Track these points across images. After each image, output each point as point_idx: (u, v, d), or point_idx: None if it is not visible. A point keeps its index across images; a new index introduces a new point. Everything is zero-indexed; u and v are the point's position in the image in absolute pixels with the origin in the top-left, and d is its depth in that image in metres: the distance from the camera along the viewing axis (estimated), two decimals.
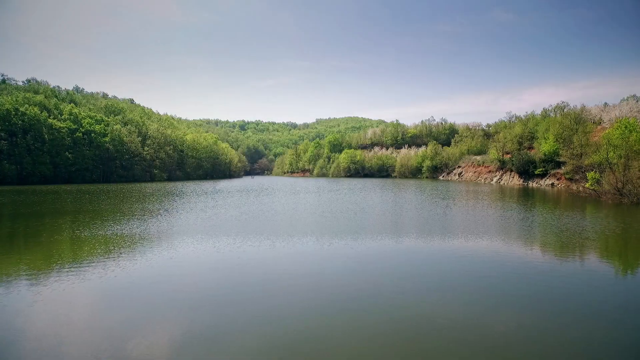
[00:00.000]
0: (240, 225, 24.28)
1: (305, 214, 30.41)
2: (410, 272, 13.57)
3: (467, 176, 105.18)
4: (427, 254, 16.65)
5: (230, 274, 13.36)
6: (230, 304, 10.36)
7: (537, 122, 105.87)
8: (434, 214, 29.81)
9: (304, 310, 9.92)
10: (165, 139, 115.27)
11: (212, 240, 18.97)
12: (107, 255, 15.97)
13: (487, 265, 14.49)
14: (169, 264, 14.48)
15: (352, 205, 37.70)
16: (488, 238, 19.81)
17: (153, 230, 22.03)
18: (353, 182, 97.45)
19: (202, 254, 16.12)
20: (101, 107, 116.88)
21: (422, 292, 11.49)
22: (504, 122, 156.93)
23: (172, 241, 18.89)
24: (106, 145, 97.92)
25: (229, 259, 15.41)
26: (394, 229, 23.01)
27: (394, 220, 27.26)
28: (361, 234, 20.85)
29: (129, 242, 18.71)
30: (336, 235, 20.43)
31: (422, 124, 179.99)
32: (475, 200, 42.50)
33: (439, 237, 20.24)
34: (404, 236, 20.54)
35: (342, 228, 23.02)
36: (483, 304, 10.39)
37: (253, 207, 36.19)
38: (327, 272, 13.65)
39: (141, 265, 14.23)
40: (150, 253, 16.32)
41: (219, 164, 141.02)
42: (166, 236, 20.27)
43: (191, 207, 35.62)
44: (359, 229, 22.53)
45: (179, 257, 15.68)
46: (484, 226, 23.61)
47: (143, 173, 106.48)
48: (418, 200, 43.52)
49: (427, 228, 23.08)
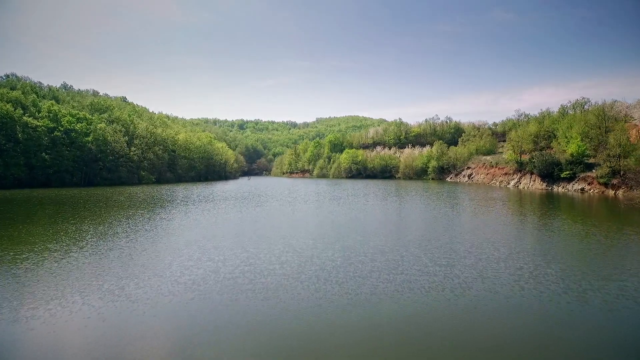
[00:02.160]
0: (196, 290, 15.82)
1: (300, 254, 21.84)
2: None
3: (479, 178, 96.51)
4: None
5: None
6: None
7: (553, 120, 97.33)
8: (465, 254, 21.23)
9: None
10: (154, 139, 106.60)
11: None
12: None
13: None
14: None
15: (355, 226, 29.18)
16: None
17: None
18: (355, 185, 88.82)
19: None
20: (86, 104, 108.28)
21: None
22: (512, 120, 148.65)
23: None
24: (88, 146, 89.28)
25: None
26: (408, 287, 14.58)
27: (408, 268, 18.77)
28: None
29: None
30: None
31: (426, 122, 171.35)
32: (507, 216, 33.79)
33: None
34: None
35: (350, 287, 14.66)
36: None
37: (231, 231, 27.54)
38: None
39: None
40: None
41: (214, 164, 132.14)
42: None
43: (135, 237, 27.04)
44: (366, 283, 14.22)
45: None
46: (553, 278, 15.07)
47: (130, 175, 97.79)
48: (432, 215, 34.78)
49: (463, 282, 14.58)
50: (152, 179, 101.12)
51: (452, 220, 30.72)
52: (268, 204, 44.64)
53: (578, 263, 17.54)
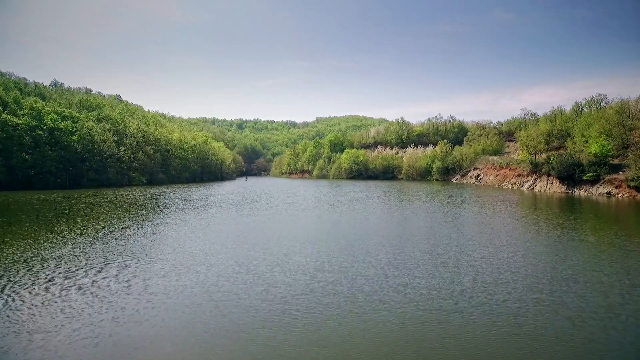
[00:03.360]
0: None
1: (297, 287, 15.94)
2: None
3: (487, 180, 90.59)
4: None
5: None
6: None
7: (566, 118, 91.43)
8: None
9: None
10: (145, 138, 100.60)
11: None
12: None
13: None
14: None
15: (359, 244, 23.26)
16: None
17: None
18: (357, 188, 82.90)
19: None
20: (75, 102, 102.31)
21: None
22: (518, 119, 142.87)
23: None
24: (74, 145, 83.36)
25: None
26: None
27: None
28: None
29: None
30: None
31: (429, 121, 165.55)
32: (550, 230, 27.80)
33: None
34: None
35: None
36: None
37: (201, 259, 21.59)
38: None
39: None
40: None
41: (209, 165, 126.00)
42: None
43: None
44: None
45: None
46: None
47: (119, 176, 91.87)
48: (446, 227, 28.84)
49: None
50: (142, 180, 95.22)
51: (491, 247, 24.83)
52: (261, 212, 38.75)
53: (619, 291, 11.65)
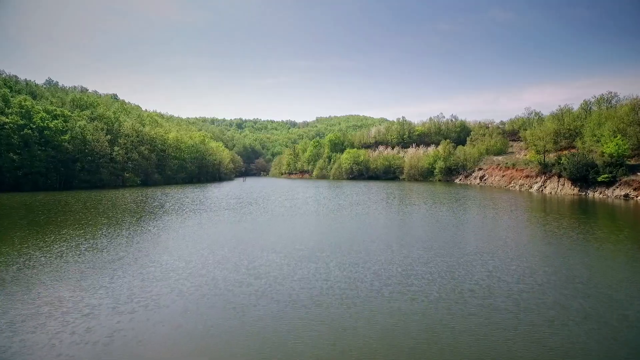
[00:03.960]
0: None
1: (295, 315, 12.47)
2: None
3: (493, 181, 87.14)
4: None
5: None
6: None
7: (574, 117, 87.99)
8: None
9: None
10: (140, 138, 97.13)
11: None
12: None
13: None
14: None
15: (372, 270, 19.89)
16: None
17: None
18: (358, 189, 79.48)
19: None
20: (68, 101, 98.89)
21: None
22: (522, 118, 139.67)
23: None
24: (65, 145, 79.98)
25: None
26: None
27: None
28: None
29: None
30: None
31: (431, 121, 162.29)
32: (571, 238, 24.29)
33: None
34: None
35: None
36: None
37: (170, 285, 18.14)
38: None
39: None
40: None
41: (207, 165, 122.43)
42: None
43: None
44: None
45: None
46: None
47: (112, 177, 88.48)
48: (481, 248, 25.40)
49: None
50: (137, 181, 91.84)
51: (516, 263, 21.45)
52: (255, 219, 35.37)
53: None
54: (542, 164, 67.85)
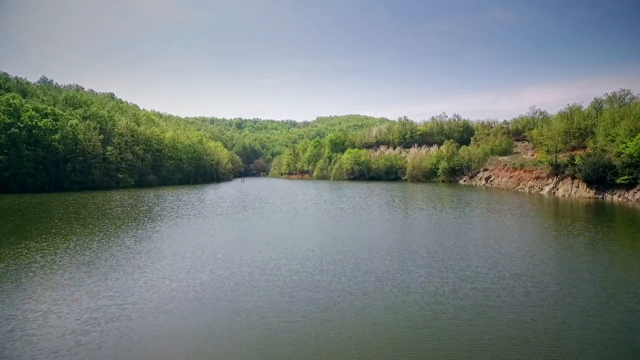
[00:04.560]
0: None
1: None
2: None
3: (500, 182, 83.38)
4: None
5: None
6: None
7: (584, 116, 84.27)
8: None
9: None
10: (135, 138, 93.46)
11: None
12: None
13: None
14: None
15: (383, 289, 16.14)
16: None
17: None
18: (360, 190, 75.77)
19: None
20: (61, 99, 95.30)
21: None
22: (527, 118, 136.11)
23: None
24: (55, 145, 76.35)
25: None
26: None
27: None
28: None
29: None
30: None
31: (433, 120, 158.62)
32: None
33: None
34: None
35: None
36: None
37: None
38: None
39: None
40: None
41: (204, 165, 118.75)
42: None
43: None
44: None
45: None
46: None
47: (105, 178, 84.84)
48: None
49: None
50: (130, 182, 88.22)
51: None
52: (249, 227, 31.72)
53: None
54: (553, 165, 64.13)
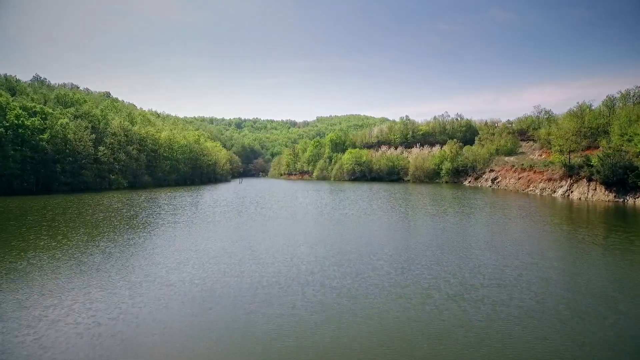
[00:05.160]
0: None
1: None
2: None
3: (507, 184, 79.61)
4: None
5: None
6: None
7: (596, 115, 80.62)
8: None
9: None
10: (128, 137, 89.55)
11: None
12: None
13: None
14: None
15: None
16: None
17: None
18: (362, 192, 71.97)
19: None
20: (51, 98, 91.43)
21: None
22: (531, 117, 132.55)
23: None
24: (43, 145, 72.50)
25: None
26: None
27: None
28: None
29: None
30: None
31: (435, 120, 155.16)
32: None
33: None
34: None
35: None
36: None
37: None
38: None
39: None
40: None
41: (201, 166, 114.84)
42: None
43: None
44: None
45: None
46: None
47: (97, 179, 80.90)
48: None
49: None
50: (123, 183, 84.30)
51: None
52: (240, 238, 27.91)
53: None
54: (567, 166, 60.36)
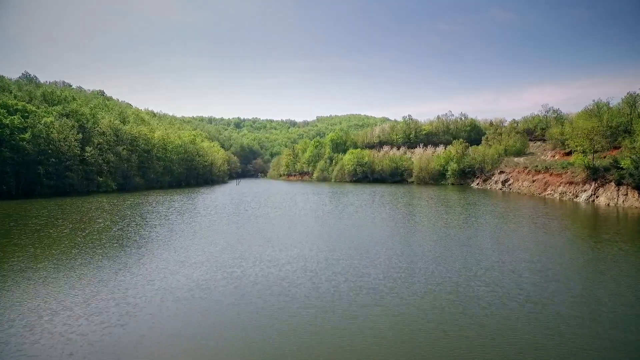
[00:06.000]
0: None
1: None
2: None
3: (520, 186, 74.10)
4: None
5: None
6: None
7: (613, 113, 75.13)
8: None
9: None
10: (118, 137, 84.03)
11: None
12: None
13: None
14: None
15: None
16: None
17: None
18: (365, 195, 66.48)
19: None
20: (37, 95, 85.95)
21: None
22: (538, 116, 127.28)
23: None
24: (24, 145, 67.03)
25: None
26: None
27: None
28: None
29: None
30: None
31: (438, 119, 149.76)
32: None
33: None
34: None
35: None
36: None
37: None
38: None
39: None
40: None
41: (196, 167, 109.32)
42: None
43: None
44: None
45: None
46: None
47: (84, 182, 75.39)
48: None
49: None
50: (112, 186, 78.75)
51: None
52: (223, 260, 22.42)
53: None
54: (590, 168, 54.88)
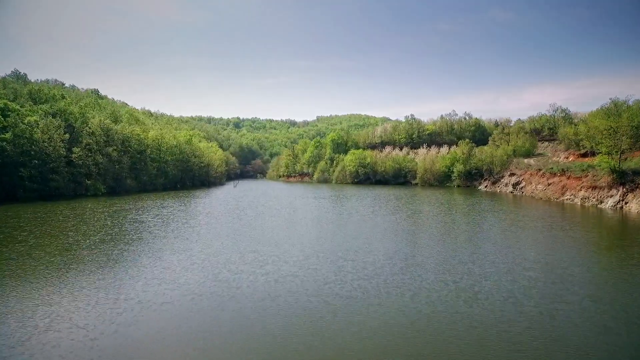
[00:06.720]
0: None
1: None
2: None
3: (534, 190, 69.27)
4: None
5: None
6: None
7: (634, 112, 70.26)
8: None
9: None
10: (108, 137, 79.04)
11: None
12: None
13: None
14: None
15: None
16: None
17: None
18: (369, 200, 61.57)
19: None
20: (24, 93, 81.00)
21: None
22: (546, 116, 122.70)
23: None
24: (4, 146, 62.13)
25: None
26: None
27: None
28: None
29: None
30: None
31: (442, 119, 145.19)
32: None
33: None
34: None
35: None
36: None
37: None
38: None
39: None
40: None
41: (192, 168, 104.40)
42: None
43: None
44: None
45: None
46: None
47: (72, 185, 70.56)
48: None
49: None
50: (101, 189, 73.80)
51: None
52: (204, 287, 17.54)
53: None
54: (616, 171, 50.11)
